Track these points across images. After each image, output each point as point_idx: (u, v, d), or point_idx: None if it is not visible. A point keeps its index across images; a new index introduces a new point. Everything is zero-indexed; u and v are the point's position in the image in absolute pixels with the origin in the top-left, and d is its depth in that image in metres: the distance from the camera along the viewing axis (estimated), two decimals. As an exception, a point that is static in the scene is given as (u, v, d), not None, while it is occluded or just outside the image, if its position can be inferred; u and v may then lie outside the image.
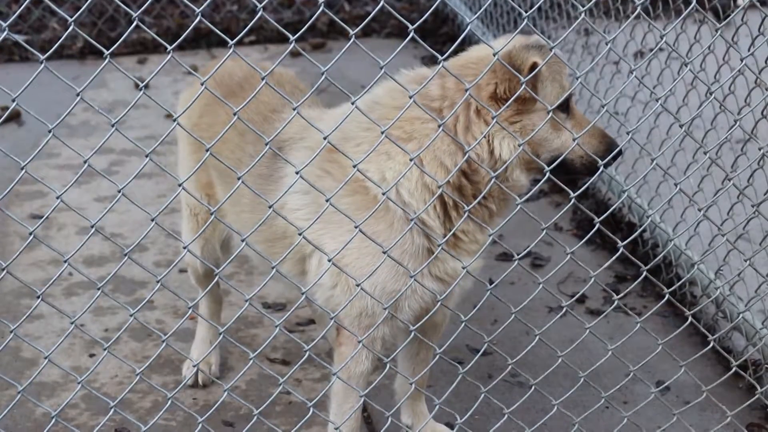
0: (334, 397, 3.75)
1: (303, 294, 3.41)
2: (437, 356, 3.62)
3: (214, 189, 4.15)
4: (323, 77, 3.09)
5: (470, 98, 3.34)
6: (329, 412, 3.77)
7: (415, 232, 3.48)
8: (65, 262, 2.91)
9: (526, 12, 3.21)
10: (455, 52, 3.43)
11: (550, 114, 3.36)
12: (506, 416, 3.78)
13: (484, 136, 3.39)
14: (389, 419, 3.67)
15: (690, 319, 4.00)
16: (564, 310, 3.67)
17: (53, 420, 3.19)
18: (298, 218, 3.56)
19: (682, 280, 4.45)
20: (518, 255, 3.47)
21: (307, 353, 3.58)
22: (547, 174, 3.41)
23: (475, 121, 3.40)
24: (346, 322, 3.58)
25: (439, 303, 3.50)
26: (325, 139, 3.11)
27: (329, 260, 3.30)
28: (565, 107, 3.48)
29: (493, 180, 3.39)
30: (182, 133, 4.18)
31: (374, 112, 3.47)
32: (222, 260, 4.36)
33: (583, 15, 3.32)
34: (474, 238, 3.54)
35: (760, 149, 4.12)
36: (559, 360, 3.75)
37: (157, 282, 3.07)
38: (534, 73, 3.31)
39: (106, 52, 2.76)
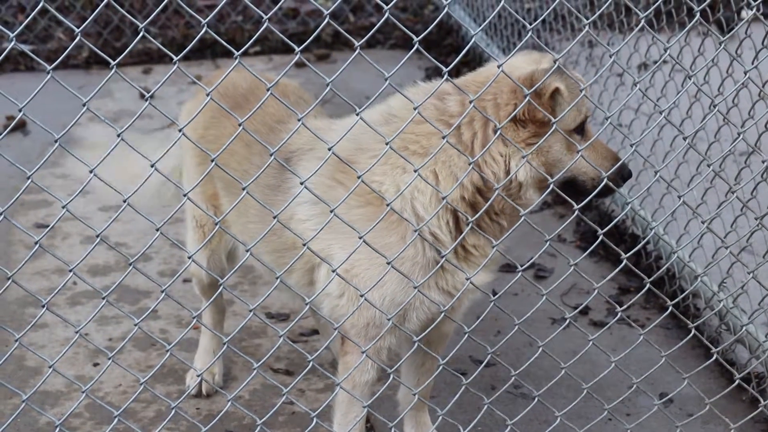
0: (338, 407, 3.76)
1: (307, 304, 3.42)
2: (440, 367, 3.62)
3: (219, 201, 4.16)
4: (328, 88, 3.10)
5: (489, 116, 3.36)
6: (333, 422, 3.77)
7: (427, 245, 3.49)
8: (70, 271, 2.92)
9: (530, 24, 3.22)
10: (460, 64, 3.44)
11: (550, 130, 3.39)
12: (509, 428, 3.78)
13: (502, 156, 3.41)
14: (392, 430, 3.67)
15: (693, 331, 4.00)
16: (567, 321, 3.67)
17: (57, 429, 3.19)
18: (307, 228, 3.57)
19: (686, 292, 4.45)
20: (522, 266, 3.48)
21: (311, 363, 3.58)
22: (551, 186, 3.42)
23: (493, 139, 3.41)
24: (352, 332, 3.59)
25: (442, 314, 3.51)
26: (330, 149, 3.12)
27: (333, 270, 3.30)
28: (580, 130, 3.50)
29: (503, 197, 3.42)
30: (188, 145, 4.19)
31: (391, 124, 3.48)
32: (227, 271, 4.37)
33: (587, 27, 3.33)
34: (484, 253, 3.56)
35: (763, 162, 4.12)
36: (563, 371, 3.76)
37: (162, 292, 3.08)
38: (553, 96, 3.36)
39: (113, 63, 2.77)
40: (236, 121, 2.97)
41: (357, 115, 3.11)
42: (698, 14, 3.53)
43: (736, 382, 4.16)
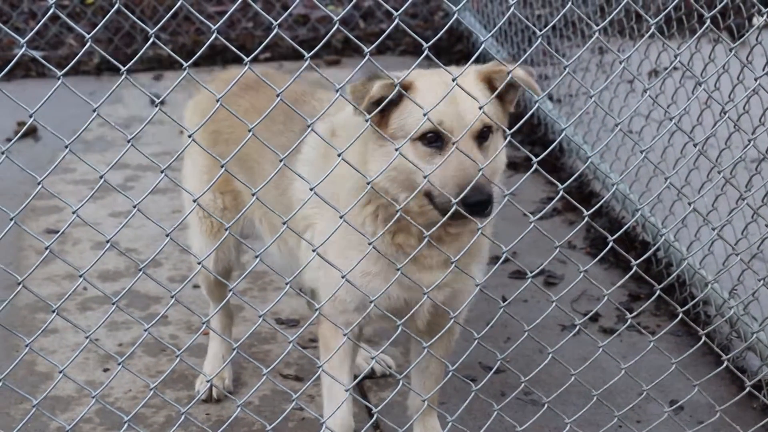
0: (323, 386, 3.85)
1: (316, 310, 3.43)
2: (450, 373, 3.62)
3: (230, 185, 4.19)
4: (338, 94, 3.11)
5: None
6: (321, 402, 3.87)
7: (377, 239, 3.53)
8: (80, 276, 2.93)
9: (540, 31, 3.22)
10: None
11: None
12: (519, 434, 3.77)
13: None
14: (402, 436, 3.67)
15: (704, 338, 3.99)
16: (577, 328, 3.66)
17: (67, 434, 3.20)
18: (300, 190, 3.74)
19: (696, 299, 4.44)
20: (531, 273, 3.47)
21: (321, 369, 3.59)
22: (561, 192, 3.42)
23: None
24: (326, 306, 3.64)
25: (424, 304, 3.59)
26: (340, 155, 3.15)
27: (314, 250, 3.34)
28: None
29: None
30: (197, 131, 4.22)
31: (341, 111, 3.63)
32: (236, 260, 4.41)
33: (597, 34, 3.33)
34: (424, 253, 3.53)
35: (774, 168, 4.11)
36: (572, 378, 3.75)
37: (172, 297, 3.08)
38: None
39: (123, 69, 2.78)
40: (250, 98, 2.99)
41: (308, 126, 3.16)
42: (709, 21, 3.53)
43: (747, 389, 4.15)
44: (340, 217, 3.30)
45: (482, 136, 3.42)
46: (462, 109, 3.37)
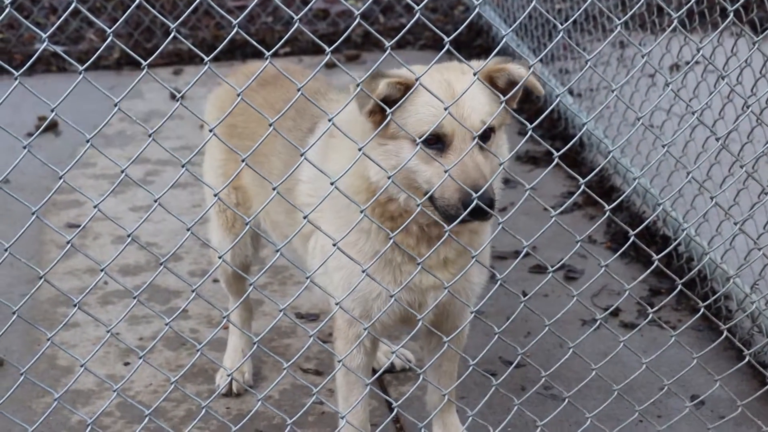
0: (339, 392, 3.84)
1: (337, 304, 3.43)
2: (470, 368, 3.61)
3: (239, 181, 4.22)
4: (359, 89, 3.11)
5: None
6: (338, 405, 3.85)
7: (372, 236, 3.51)
8: (101, 270, 2.94)
9: (561, 25, 3.21)
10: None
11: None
12: (539, 429, 3.77)
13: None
14: (422, 430, 3.67)
15: (725, 333, 3.98)
16: (598, 323, 3.65)
17: (89, 428, 3.21)
18: (303, 192, 3.73)
19: (718, 294, 4.42)
20: (552, 267, 3.46)
21: (341, 364, 3.59)
22: (582, 187, 3.40)
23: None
24: (337, 318, 3.68)
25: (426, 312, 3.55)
26: (330, 121, 3.19)
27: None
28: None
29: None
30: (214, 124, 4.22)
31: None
32: (253, 255, 4.43)
33: (618, 28, 3.31)
34: (422, 253, 3.50)
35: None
36: (593, 373, 3.74)
37: (192, 291, 3.09)
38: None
39: (144, 63, 2.79)
40: (265, 94, 2.98)
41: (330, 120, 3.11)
42: (732, 14, 3.51)
43: (769, 384, 4.13)
44: (362, 212, 3.30)
45: (484, 136, 3.35)
46: (463, 110, 3.31)
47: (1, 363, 4.63)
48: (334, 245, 3.30)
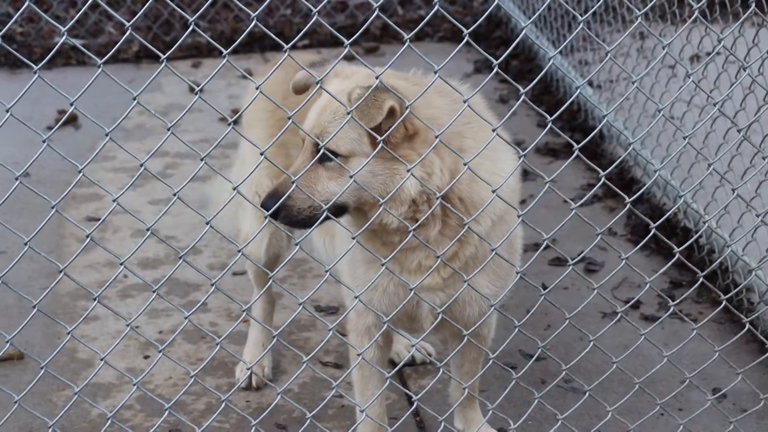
0: (355, 386, 3.85)
1: (356, 297, 3.42)
2: (490, 361, 3.60)
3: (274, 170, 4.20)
4: (377, 81, 3.10)
5: None
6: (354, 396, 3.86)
7: (373, 238, 3.49)
8: (121, 264, 2.94)
9: (581, 16, 3.19)
10: (510, 57, 3.41)
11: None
12: (560, 422, 3.76)
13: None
14: (442, 424, 3.66)
15: (747, 325, 3.95)
16: (618, 315, 3.64)
17: (109, 421, 3.22)
18: None
19: (740, 286, 4.40)
20: (572, 260, 3.45)
21: (360, 357, 3.58)
22: (602, 179, 3.38)
23: None
24: (352, 316, 3.71)
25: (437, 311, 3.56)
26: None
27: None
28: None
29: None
30: (259, 120, 4.19)
31: None
32: (286, 249, 4.42)
33: (639, 19, 3.29)
34: (399, 257, 3.47)
35: (819, 154, 4.06)
36: (614, 366, 3.72)
37: (212, 285, 3.09)
38: None
39: (163, 57, 2.78)
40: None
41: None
42: (753, 4, 3.48)
43: (791, 377, 4.10)
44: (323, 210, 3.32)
45: (321, 154, 3.27)
46: (312, 120, 3.35)
47: (21, 356, 4.64)
48: (353, 238, 3.29)
